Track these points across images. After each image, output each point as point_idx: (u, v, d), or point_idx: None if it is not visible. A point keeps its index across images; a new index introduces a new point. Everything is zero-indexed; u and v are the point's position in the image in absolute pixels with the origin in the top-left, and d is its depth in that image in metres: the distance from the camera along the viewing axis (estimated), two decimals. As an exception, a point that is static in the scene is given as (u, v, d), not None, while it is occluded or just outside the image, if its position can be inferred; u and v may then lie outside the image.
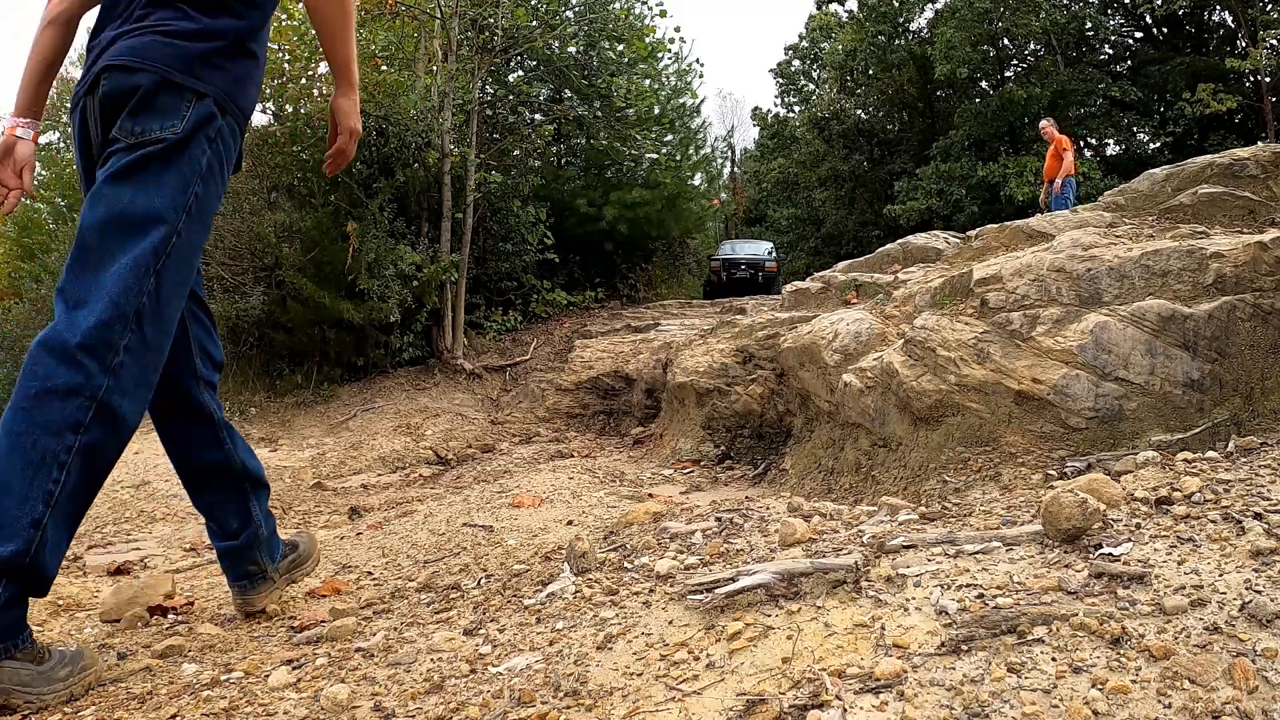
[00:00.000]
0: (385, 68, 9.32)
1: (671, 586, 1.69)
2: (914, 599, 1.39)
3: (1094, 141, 20.31)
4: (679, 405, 5.22)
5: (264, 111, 8.53)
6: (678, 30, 26.95)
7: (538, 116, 11.52)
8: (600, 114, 11.32)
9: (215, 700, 1.48)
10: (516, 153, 10.91)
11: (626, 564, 1.97)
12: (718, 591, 1.51)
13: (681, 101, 13.53)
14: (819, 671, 1.21)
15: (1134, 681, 1.08)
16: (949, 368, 2.94)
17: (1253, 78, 17.05)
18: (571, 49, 10.80)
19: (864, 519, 2.07)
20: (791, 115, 28.48)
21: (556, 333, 9.42)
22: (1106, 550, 1.47)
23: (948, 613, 1.31)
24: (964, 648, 1.21)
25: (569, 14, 10.70)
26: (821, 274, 5.75)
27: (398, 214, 8.46)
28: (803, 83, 29.32)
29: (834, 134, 23.65)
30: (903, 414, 3.13)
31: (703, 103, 18.79)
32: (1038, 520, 1.65)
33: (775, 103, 32.96)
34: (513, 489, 3.88)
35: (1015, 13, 18.35)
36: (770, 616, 1.42)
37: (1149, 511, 1.65)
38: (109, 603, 2.26)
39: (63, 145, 16.75)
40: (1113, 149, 20.05)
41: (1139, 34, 21.00)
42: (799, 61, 29.38)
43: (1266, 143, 6.46)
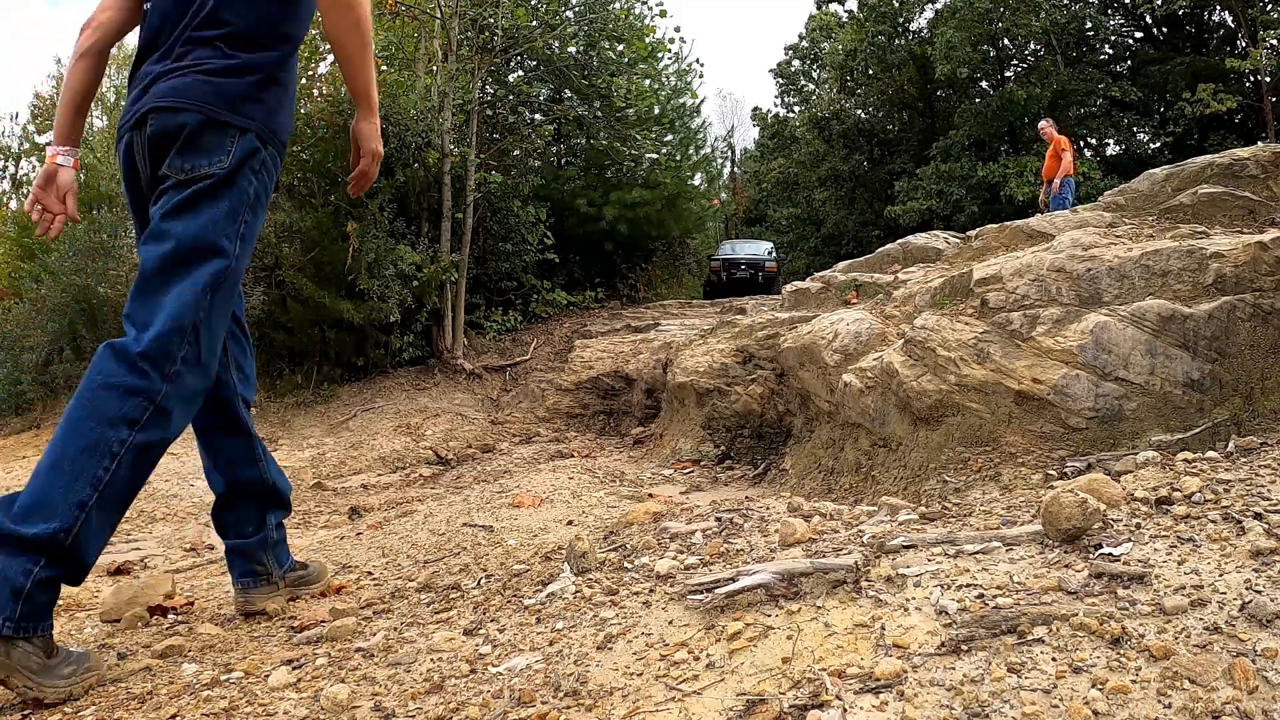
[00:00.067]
0: (385, 68, 9.31)
1: (671, 586, 1.69)
2: (914, 599, 1.39)
3: (1094, 141, 20.32)
4: (679, 405, 5.22)
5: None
6: (678, 30, 26.95)
7: (538, 116, 11.51)
8: (600, 114, 11.31)
9: (215, 700, 1.48)
10: (516, 153, 10.91)
11: (626, 564, 1.97)
12: (718, 591, 1.51)
13: (681, 101, 13.52)
14: (819, 671, 1.21)
15: (1134, 681, 1.08)
16: (949, 368, 2.94)
17: (1253, 78, 17.05)
18: (571, 49, 10.79)
19: (864, 519, 2.07)
20: (791, 115, 28.48)
21: (556, 333, 9.42)
22: (1106, 550, 1.47)
23: (948, 613, 1.31)
24: (964, 648, 1.21)
25: (569, 14, 10.70)
26: (821, 274, 5.75)
27: (398, 214, 8.46)
28: (803, 83, 29.32)
29: (834, 134, 23.66)
30: (903, 414, 3.13)
31: (703, 103, 18.79)
32: (1038, 520, 1.65)
33: (775, 103, 33.00)
34: (513, 489, 3.87)
35: (1015, 13, 18.36)
36: (770, 616, 1.42)
37: (1149, 511, 1.65)
38: (109, 603, 2.26)
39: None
40: (1113, 149, 20.06)
41: (1139, 34, 21.01)
42: (799, 61, 29.39)
43: (1266, 143, 6.46)
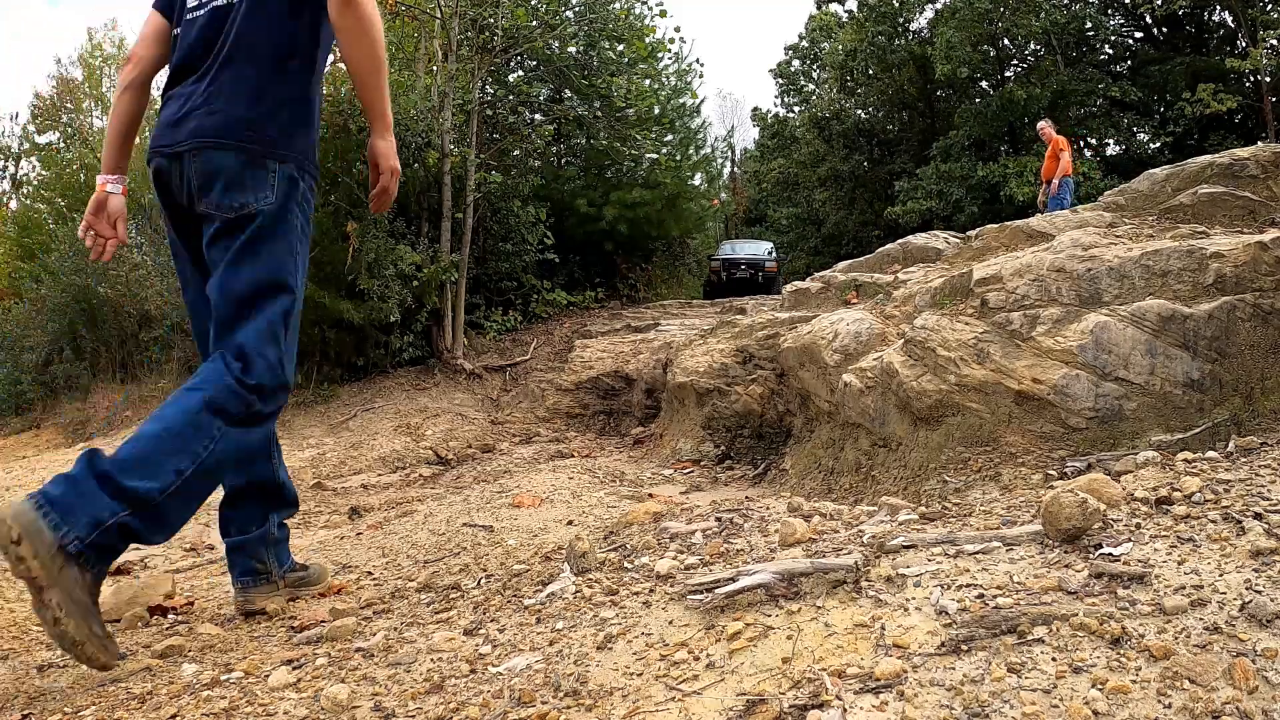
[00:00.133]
0: (385, 68, 9.28)
1: (671, 586, 1.69)
2: (914, 599, 1.39)
3: (1094, 142, 20.32)
4: (679, 405, 5.22)
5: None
6: (678, 30, 26.92)
7: (538, 116, 11.50)
8: (600, 114, 11.30)
9: (215, 700, 1.48)
10: (516, 153, 10.90)
11: (626, 564, 1.97)
12: (718, 591, 1.51)
13: (681, 101, 13.51)
14: (819, 671, 1.21)
15: (1134, 681, 1.08)
16: (949, 368, 2.94)
17: (1253, 78, 17.05)
18: (571, 49, 10.78)
19: (864, 519, 2.07)
20: (791, 115, 28.48)
21: (556, 333, 9.41)
22: (1106, 550, 1.47)
23: (948, 613, 1.31)
24: (964, 648, 1.21)
25: (569, 14, 10.69)
26: (821, 274, 5.75)
27: (398, 214, 8.45)
28: (803, 83, 29.32)
29: (834, 134, 23.65)
30: (903, 414, 3.13)
31: (703, 103, 18.79)
32: (1038, 520, 1.65)
33: (775, 103, 33.00)
34: (513, 489, 3.87)
35: (1015, 13, 18.35)
36: (770, 616, 1.42)
37: (1149, 511, 1.65)
38: (109, 603, 2.26)
39: (62, 145, 16.77)
40: (1113, 149, 20.06)
41: (1139, 34, 21.00)
42: (799, 61, 29.38)
43: (1266, 143, 6.46)
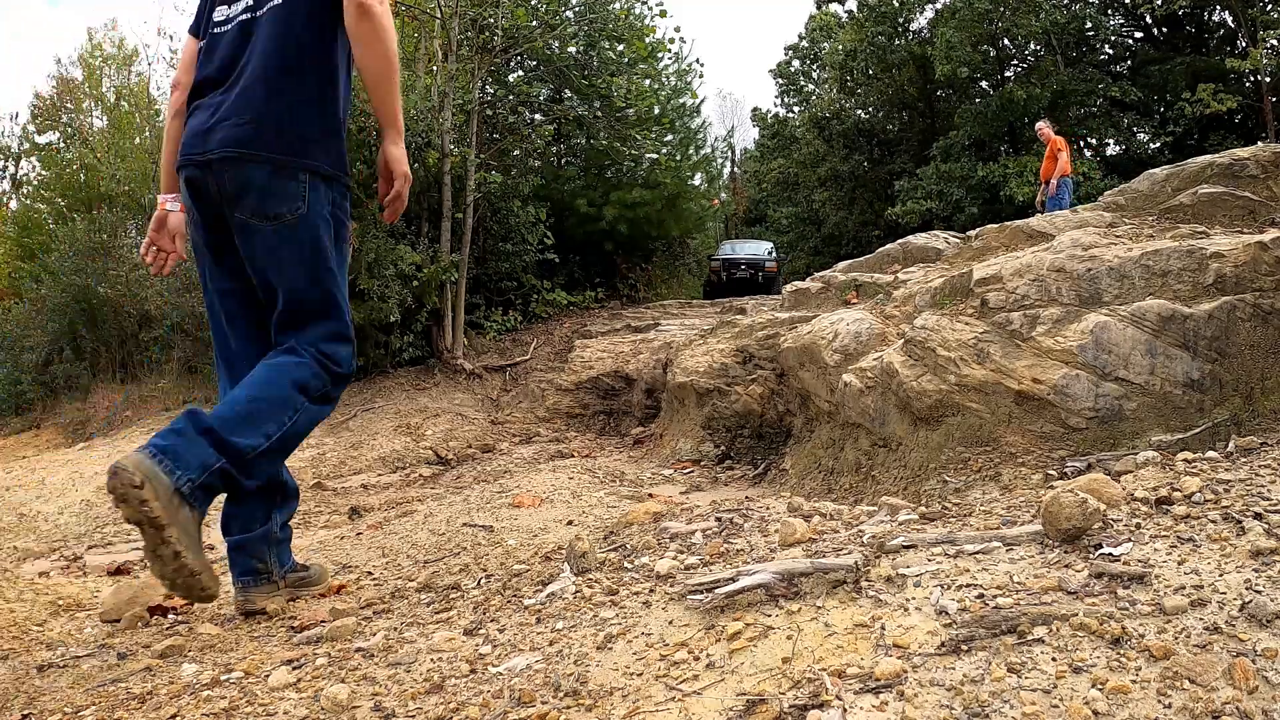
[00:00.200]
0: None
1: (671, 586, 1.69)
2: (914, 599, 1.39)
3: (1094, 142, 20.31)
4: (679, 405, 5.22)
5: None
6: (678, 30, 26.94)
7: (538, 116, 11.50)
8: (600, 114, 11.30)
9: (215, 700, 1.48)
10: (516, 153, 10.89)
11: (626, 564, 1.97)
12: (718, 591, 1.51)
13: (681, 101, 13.51)
14: (819, 671, 1.21)
15: (1134, 681, 1.08)
16: (949, 368, 2.94)
17: (1253, 78, 17.05)
18: (571, 49, 10.78)
19: (864, 519, 2.07)
20: (791, 115, 28.47)
21: (556, 333, 9.41)
22: (1106, 550, 1.47)
23: (948, 613, 1.31)
24: (964, 648, 1.21)
25: (569, 14, 10.68)
26: (821, 274, 5.74)
27: (398, 214, 8.45)
28: (803, 83, 29.31)
29: (834, 134, 23.65)
30: (903, 414, 3.13)
31: (703, 103, 18.79)
32: (1038, 520, 1.65)
33: (775, 103, 32.98)
34: (513, 489, 3.87)
35: (1015, 13, 18.35)
36: (770, 616, 1.42)
37: (1149, 511, 1.65)
38: (109, 603, 2.26)
39: (62, 145, 16.77)
40: (1113, 149, 20.05)
41: (1139, 34, 21.00)
42: (799, 62, 29.38)
43: (1266, 143, 6.45)
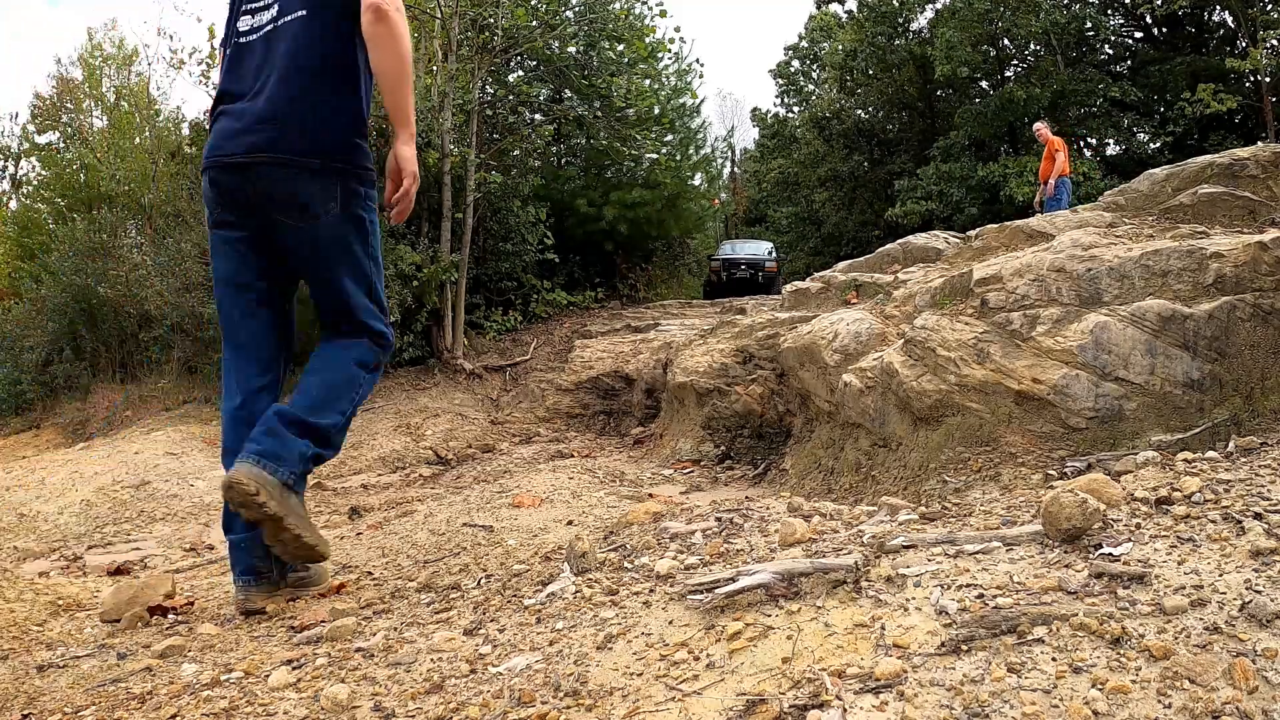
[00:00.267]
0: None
1: (671, 586, 1.69)
2: (914, 599, 1.39)
3: (1094, 142, 20.31)
4: (679, 405, 5.22)
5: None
6: (678, 30, 26.91)
7: (538, 116, 11.50)
8: (600, 114, 11.30)
9: (215, 700, 1.48)
10: (516, 153, 10.89)
11: (626, 564, 1.97)
12: (718, 591, 1.51)
13: (681, 101, 13.51)
14: (819, 671, 1.21)
15: (1134, 681, 1.08)
16: (949, 368, 2.94)
17: (1253, 78, 17.04)
18: (571, 49, 10.78)
19: (864, 519, 2.07)
20: (791, 115, 28.47)
21: (556, 333, 9.41)
22: (1106, 550, 1.47)
23: (948, 613, 1.31)
24: (964, 648, 1.21)
25: (569, 14, 10.68)
26: (821, 274, 5.74)
27: (398, 214, 8.45)
28: (802, 83, 29.30)
29: (834, 134, 23.64)
30: (903, 414, 3.13)
31: (703, 103, 18.77)
32: (1038, 520, 1.65)
33: (775, 103, 32.96)
34: (513, 489, 3.88)
35: (1015, 13, 18.34)
36: (770, 616, 1.42)
37: (1149, 511, 1.65)
38: (109, 603, 2.26)
39: (62, 145, 16.76)
40: (1113, 149, 20.05)
41: (1139, 34, 21.00)
42: (799, 62, 29.37)
43: (1266, 143, 6.46)
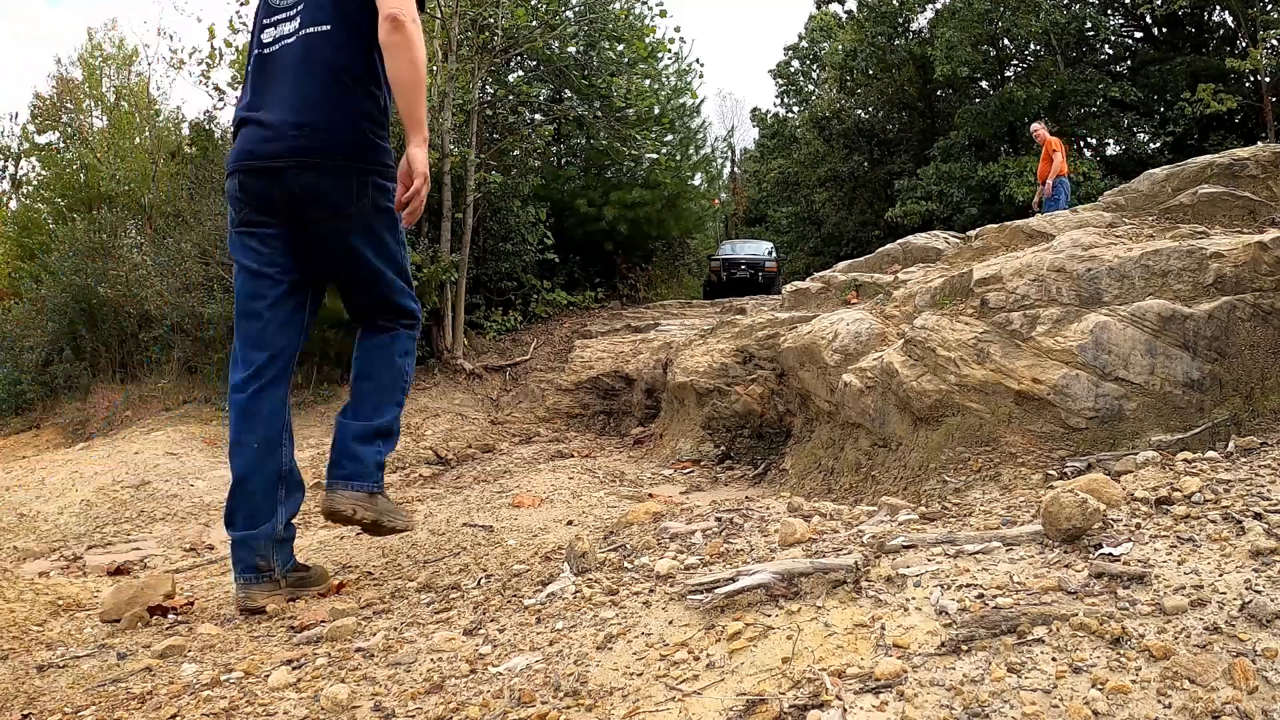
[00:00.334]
0: (385, 67, 9.27)
1: (671, 586, 1.69)
2: (914, 599, 1.39)
3: (1094, 142, 20.30)
4: (679, 405, 5.22)
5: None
6: (678, 30, 26.88)
7: (538, 116, 11.49)
8: (600, 114, 11.29)
9: (215, 700, 1.48)
10: (516, 153, 10.88)
11: (626, 564, 1.97)
12: (718, 591, 1.51)
13: (681, 101, 13.50)
14: (819, 671, 1.21)
15: (1134, 681, 1.08)
16: (949, 368, 2.94)
17: (1253, 78, 17.04)
18: (571, 49, 10.78)
19: (864, 519, 2.07)
20: (791, 115, 28.46)
21: (556, 333, 9.41)
22: (1106, 550, 1.47)
23: (948, 613, 1.31)
24: (964, 648, 1.21)
25: (569, 14, 10.68)
26: (821, 274, 5.74)
27: (398, 214, 8.45)
28: (802, 83, 29.29)
29: (834, 134, 23.64)
30: (903, 414, 3.13)
31: (703, 103, 18.76)
32: (1038, 520, 1.65)
33: (775, 103, 32.94)
34: (513, 489, 3.88)
35: (1015, 13, 18.34)
36: (770, 616, 1.42)
37: (1149, 511, 1.65)
38: (109, 603, 2.26)
39: (62, 145, 16.77)
40: (1113, 149, 20.04)
41: (1139, 34, 21.00)
42: (799, 62, 29.36)
43: (1266, 143, 6.46)
